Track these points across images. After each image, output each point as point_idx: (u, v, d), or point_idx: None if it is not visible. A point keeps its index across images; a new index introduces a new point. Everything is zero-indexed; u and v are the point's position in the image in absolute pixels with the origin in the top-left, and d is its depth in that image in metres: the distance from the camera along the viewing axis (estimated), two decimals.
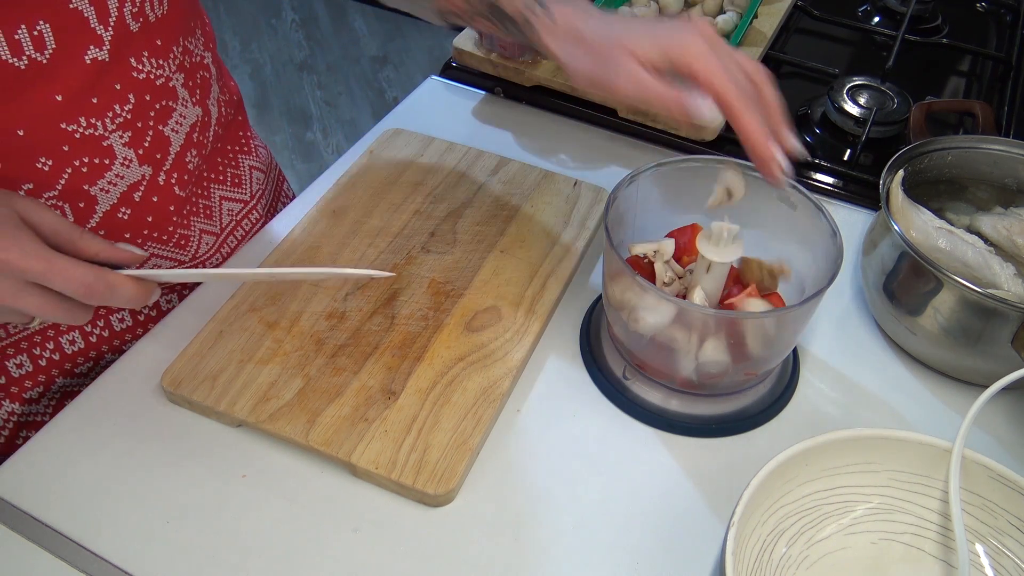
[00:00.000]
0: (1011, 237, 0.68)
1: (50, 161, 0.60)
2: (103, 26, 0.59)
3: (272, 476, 0.60)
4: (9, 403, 0.70)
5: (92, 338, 0.73)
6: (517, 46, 0.88)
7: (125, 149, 0.64)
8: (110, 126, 0.62)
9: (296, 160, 2.43)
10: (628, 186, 0.63)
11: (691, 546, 0.57)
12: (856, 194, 0.84)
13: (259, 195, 0.84)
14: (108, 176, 0.64)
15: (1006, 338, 0.61)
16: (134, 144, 0.64)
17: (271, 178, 0.88)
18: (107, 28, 0.59)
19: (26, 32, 0.55)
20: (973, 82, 1.04)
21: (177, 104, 0.68)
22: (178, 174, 0.70)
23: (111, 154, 0.63)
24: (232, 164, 0.80)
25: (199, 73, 0.71)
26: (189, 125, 0.70)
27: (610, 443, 0.63)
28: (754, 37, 0.95)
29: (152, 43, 0.64)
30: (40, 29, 0.56)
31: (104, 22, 0.59)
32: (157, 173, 0.68)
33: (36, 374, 0.70)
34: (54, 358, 0.71)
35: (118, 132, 0.63)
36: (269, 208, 0.86)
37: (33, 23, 0.55)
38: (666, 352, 0.61)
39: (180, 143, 0.69)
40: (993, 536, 0.54)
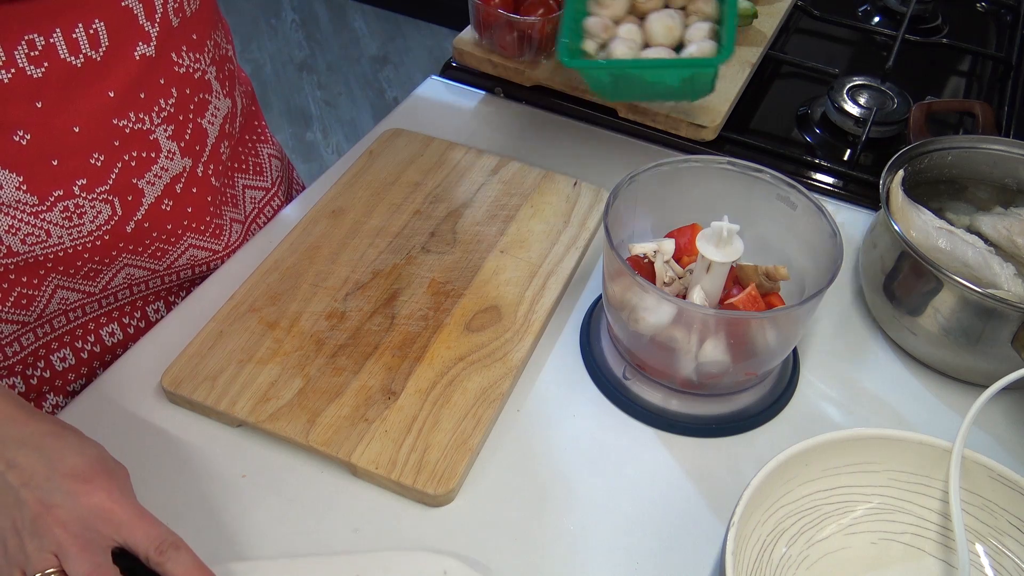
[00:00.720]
0: (1011, 237, 0.68)
1: (102, 156, 0.61)
2: (150, 22, 0.61)
3: (272, 476, 0.60)
4: (54, 396, 0.71)
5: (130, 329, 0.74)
6: (517, 46, 0.88)
7: (169, 142, 0.65)
8: (156, 120, 0.64)
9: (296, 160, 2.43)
10: (628, 186, 0.63)
11: (691, 546, 0.57)
12: (856, 194, 0.84)
13: (278, 181, 0.85)
14: (154, 169, 0.65)
15: (1006, 338, 0.61)
16: (177, 137, 0.66)
17: (286, 164, 0.90)
18: (154, 24, 0.61)
19: (83, 31, 0.57)
20: (973, 82, 1.04)
21: (212, 96, 0.69)
22: (214, 165, 0.72)
23: (157, 148, 0.65)
24: (252, 153, 0.81)
25: (227, 66, 0.73)
26: (222, 117, 0.72)
27: (610, 443, 0.63)
28: (754, 37, 0.95)
29: (189, 37, 0.65)
30: (96, 28, 0.57)
31: (151, 18, 0.61)
32: (196, 165, 0.69)
33: (79, 366, 0.72)
34: (95, 350, 0.73)
35: (163, 126, 0.64)
36: (288, 195, 0.88)
37: (90, 22, 0.57)
38: (666, 352, 0.61)
39: (215, 135, 0.71)
40: (993, 536, 0.54)
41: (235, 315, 0.67)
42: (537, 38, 0.87)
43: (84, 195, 0.62)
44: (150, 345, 0.68)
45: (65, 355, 0.71)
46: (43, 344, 0.70)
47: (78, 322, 0.71)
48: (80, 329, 0.71)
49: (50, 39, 0.55)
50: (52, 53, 0.56)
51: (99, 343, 0.73)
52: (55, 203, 0.61)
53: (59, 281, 0.66)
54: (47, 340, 0.70)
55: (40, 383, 0.70)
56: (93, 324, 0.72)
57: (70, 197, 0.61)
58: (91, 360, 0.72)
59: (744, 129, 0.91)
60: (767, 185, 0.64)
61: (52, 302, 0.67)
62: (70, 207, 0.62)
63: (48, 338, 0.70)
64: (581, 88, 0.87)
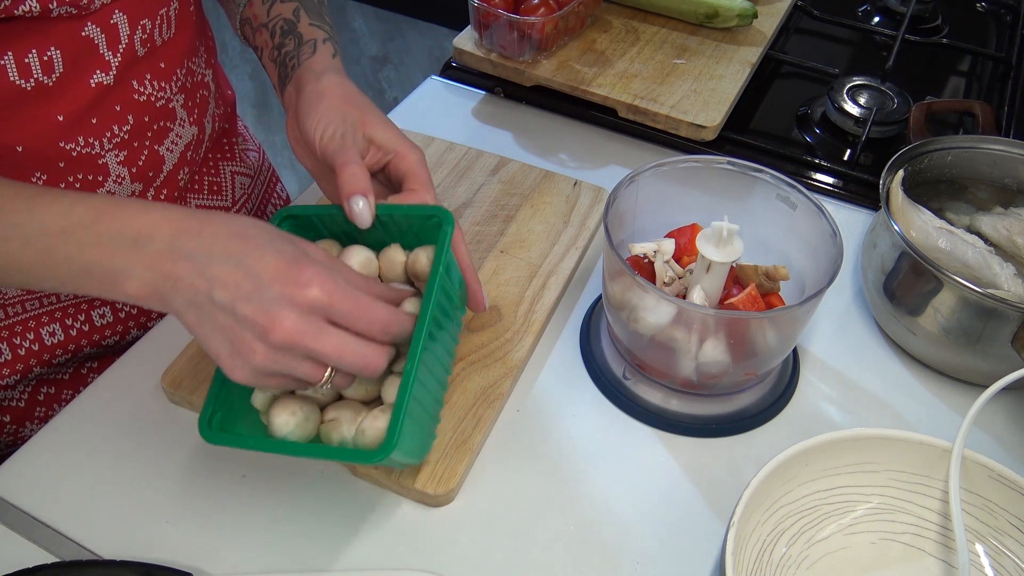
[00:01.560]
0: (1011, 237, 0.68)
1: (45, 176, 0.61)
2: (112, 52, 0.60)
3: (272, 476, 0.60)
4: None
5: (72, 331, 0.73)
6: (517, 46, 0.88)
7: (119, 167, 0.65)
8: (107, 145, 0.63)
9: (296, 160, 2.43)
10: (628, 186, 0.63)
11: (691, 546, 0.57)
12: (856, 194, 0.84)
13: (243, 200, 0.83)
14: (99, 192, 0.64)
15: (1006, 338, 0.61)
16: (128, 163, 0.65)
17: (259, 181, 0.87)
18: (116, 54, 0.60)
19: (36, 57, 0.56)
20: (973, 82, 1.04)
21: (175, 124, 0.68)
22: (167, 190, 0.71)
23: (105, 171, 0.64)
24: (211, 172, 0.79)
25: (199, 92, 0.72)
26: (184, 144, 0.70)
27: (610, 443, 0.63)
28: (754, 37, 0.95)
29: (156, 66, 0.64)
30: (51, 55, 0.56)
31: (114, 48, 0.60)
32: (147, 189, 0.68)
33: (14, 362, 0.70)
34: (33, 348, 0.71)
35: (114, 151, 0.63)
36: (255, 212, 0.86)
37: (44, 49, 0.56)
38: (666, 352, 0.61)
39: (174, 162, 0.70)
40: (993, 536, 0.54)
41: None
42: (537, 38, 0.87)
43: None
44: (150, 345, 0.68)
45: (1, 349, 0.69)
46: None
47: (17, 318, 0.69)
48: (19, 325, 0.69)
49: (0, 61, 0.54)
50: (1, 75, 0.55)
51: (38, 341, 0.71)
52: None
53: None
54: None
55: None
56: (33, 322, 0.70)
57: None
58: (28, 357, 0.70)
59: (744, 129, 0.91)
60: (767, 185, 0.64)
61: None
62: None
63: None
64: (581, 88, 0.87)
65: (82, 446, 0.61)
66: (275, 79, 0.65)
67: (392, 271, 0.58)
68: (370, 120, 0.59)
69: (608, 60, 0.91)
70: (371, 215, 0.55)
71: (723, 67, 0.90)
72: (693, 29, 0.96)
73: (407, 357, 0.50)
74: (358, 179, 0.55)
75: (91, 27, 0.58)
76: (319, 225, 0.59)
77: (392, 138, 0.59)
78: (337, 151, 0.56)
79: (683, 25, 0.96)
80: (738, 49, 0.93)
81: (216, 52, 0.77)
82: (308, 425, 0.53)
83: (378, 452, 0.48)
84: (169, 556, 0.55)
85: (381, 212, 0.56)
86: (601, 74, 0.89)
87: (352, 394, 0.56)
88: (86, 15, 0.57)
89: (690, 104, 0.85)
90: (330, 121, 0.58)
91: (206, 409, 0.52)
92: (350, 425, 0.54)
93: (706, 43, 0.94)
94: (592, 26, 0.96)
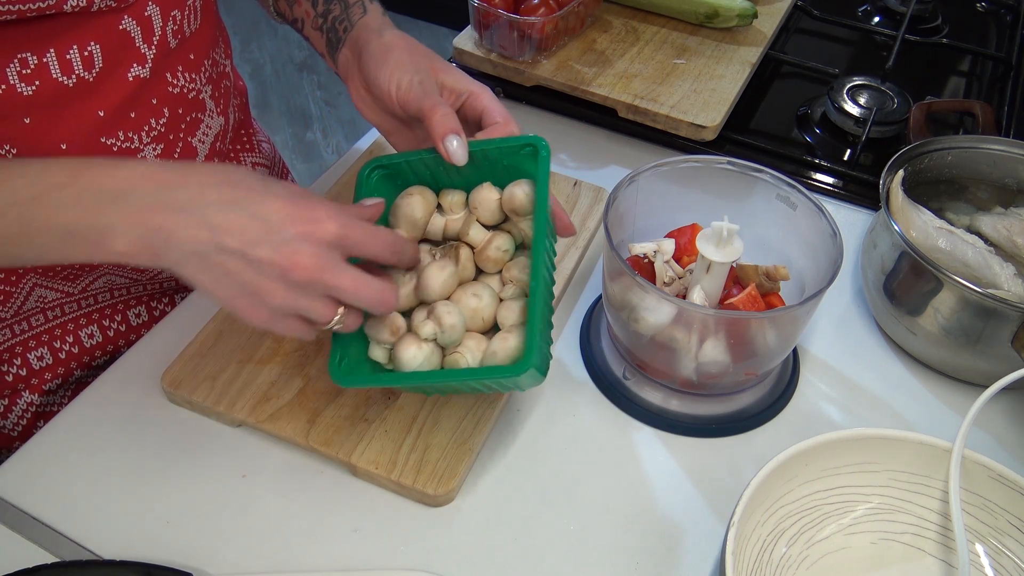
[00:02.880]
0: (1011, 237, 0.68)
1: None
2: (147, 45, 0.60)
3: (272, 476, 0.60)
4: (29, 394, 0.71)
5: (110, 332, 0.73)
6: (517, 46, 0.88)
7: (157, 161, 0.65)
8: (145, 139, 0.63)
9: (296, 160, 2.43)
10: (628, 186, 0.63)
11: (691, 546, 0.57)
12: (856, 194, 0.84)
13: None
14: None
15: (1006, 338, 0.61)
16: (165, 155, 0.66)
17: (275, 173, 0.88)
18: (151, 47, 0.61)
19: (77, 53, 0.56)
20: (973, 82, 1.04)
21: (205, 115, 0.69)
22: None
23: None
24: (235, 163, 0.80)
25: (223, 83, 0.73)
26: (214, 135, 0.71)
27: (610, 443, 0.63)
28: (754, 37, 0.95)
29: (186, 58, 0.65)
30: (91, 50, 0.57)
31: (148, 41, 0.60)
32: None
33: (56, 366, 0.71)
34: (73, 351, 0.72)
35: (152, 145, 0.64)
36: None
37: (85, 44, 0.57)
38: (666, 352, 0.61)
39: (205, 153, 0.70)
40: (993, 536, 0.54)
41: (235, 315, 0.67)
42: (537, 38, 0.87)
43: None
44: (150, 345, 0.68)
45: (42, 354, 0.70)
46: (20, 341, 0.69)
47: (56, 321, 0.70)
48: (59, 328, 0.71)
49: (43, 58, 0.55)
50: (44, 72, 0.55)
51: (77, 344, 0.72)
52: None
53: (37, 280, 0.66)
54: (24, 338, 0.69)
55: (15, 380, 0.69)
56: (72, 324, 0.71)
57: None
58: (68, 360, 0.72)
59: (744, 129, 0.91)
60: (767, 185, 0.64)
61: (30, 299, 0.67)
62: None
63: (25, 335, 0.69)
64: (581, 88, 0.87)
65: (82, 446, 0.61)
66: (323, 47, 0.66)
67: (487, 209, 0.59)
68: (439, 66, 0.61)
69: (608, 60, 0.91)
70: (466, 152, 0.56)
71: (723, 67, 0.90)
72: (693, 29, 0.96)
73: (530, 277, 0.53)
74: (449, 119, 0.56)
75: (128, 20, 0.58)
76: (407, 171, 0.60)
77: (462, 80, 0.61)
78: (421, 98, 0.57)
79: (683, 25, 0.96)
80: (738, 49, 0.93)
81: (230, 43, 0.77)
82: (434, 358, 0.55)
83: (521, 364, 0.51)
84: (169, 556, 0.55)
85: (474, 148, 0.57)
86: (601, 74, 0.89)
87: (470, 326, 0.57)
88: (123, 8, 0.57)
89: (690, 104, 0.85)
90: (404, 72, 0.59)
91: (333, 355, 0.54)
92: (474, 354, 0.55)
93: (706, 43, 0.94)
94: (592, 26, 0.96)
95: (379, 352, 0.57)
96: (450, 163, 0.56)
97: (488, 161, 0.58)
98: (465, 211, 0.60)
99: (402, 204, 0.59)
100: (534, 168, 0.56)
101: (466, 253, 0.59)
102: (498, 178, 0.59)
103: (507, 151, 0.57)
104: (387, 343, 0.56)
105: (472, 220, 0.59)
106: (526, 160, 0.57)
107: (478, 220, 0.59)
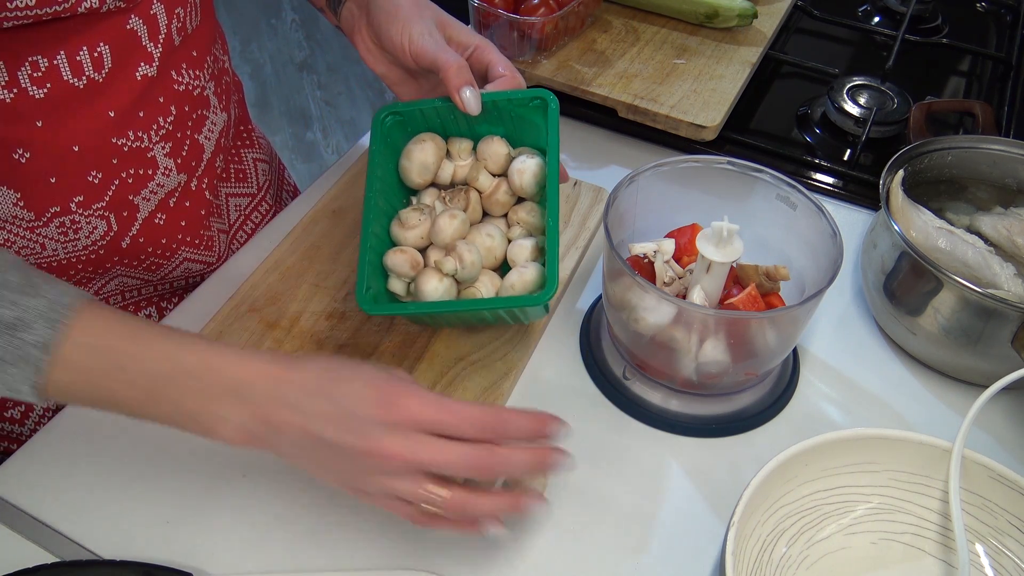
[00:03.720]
0: (1011, 237, 0.68)
1: (100, 174, 0.61)
2: (153, 43, 0.61)
3: (272, 476, 0.60)
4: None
5: None
6: (517, 46, 0.88)
7: (166, 159, 0.65)
8: (154, 138, 0.64)
9: (296, 160, 2.43)
10: (628, 186, 0.63)
11: (691, 546, 0.57)
12: (856, 194, 0.84)
13: (266, 186, 0.85)
14: (150, 186, 0.65)
15: (1006, 338, 0.61)
16: (174, 154, 0.66)
17: (274, 167, 0.89)
18: (157, 45, 0.61)
19: (87, 54, 0.57)
20: (973, 82, 1.04)
21: (209, 112, 0.69)
22: (208, 179, 0.72)
23: (154, 164, 0.65)
24: (235, 160, 0.80)
25: (224, 79, 0.73)
26: (218, 132, 0.72)
27: (610, 443, 0.63)
28: (754, 37, 0.95)
29: (190, 55, 0.65)
30: (100, 50, 0.57)
31: (155, 39, 0.61)
32: (191, 180, 0.69)
33: None
34: None
35: (161, 143, 0.64)
36: (275, 199, 0.87)
37: (95, 45, 0.57)
38: (666, 352, 0.61)
39: (211, 149, 0.71)
40: (993, 536, 0.54)
41: (235, 315, 0.67)
42: (537, 38, 0.87)
43: (80, 211, 0.62)
44: None
45: None
46: None
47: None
48: None
49: (54, 61, 0.55)
50: (55, 74, 0.56)
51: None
52: (51, 219, 0.61)
53: None
54: None
55: None
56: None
57: (66, 213, 0.61)
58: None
59: (744, 129, 0.91)
60: (767, 185, 0.64)
61: None
62: (66, 223, 0.62)
63: None
64: (581, 88, 0.87)
65: (82, 446, 0.61)
66: (323, 2, 0.70)
67: (495, 161, 0.65)
68: (445, 21, 0.64)
69: (608, 60, 0.91)
70: (479, 103, 0.60)
71: (723, 67, 0.90)
72: (693, 29, 0.96)
73: (547, 215, 0.59)
74: (464, 72, 0.60)
75: (135, 19, 0.58)
76: (419, 118, 0.65)
77: (467, 34, 0.64)
78: (436, 51, 0.61)
79: (683, 25, 0.96)
80: (738, 49, 0.93)
81: (226, 40, 0.78)
82: (452, 291, 0.61)
83: (544, 293, 0.56)
84: (169, 556, 0.55)
85: (485, 99, 0.61)
86: (601, 74, 0.89)
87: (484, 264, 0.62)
88: (131, 7, 0.58)
89: (690, 104, 0.85)
90: (414, 26, 0.62)
91: (360, 284, 0.59)
92: (488, 288, 0.61)
93: (706, 43, 0.94)
94: (592, 26, 0.96)
95: (398, 285, 0.62)
96: (464, 112, 0.60)
97: (497, 111, 0.63)
98: (472, 158, 0.65)
99: (415, 149, 0.64)
100: (541, 119, 0.63)
101: (475, 197, 0.64)
102: (506, 126, 0.65)
103: (517, 102, 0.63)
104: (407, 276, 0.61)
105: (480, 167, 0.65)
106: (534, 112, 0.63)
107: (485, 168, 0.65)
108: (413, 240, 0.62)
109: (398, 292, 0.62)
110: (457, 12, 0.70)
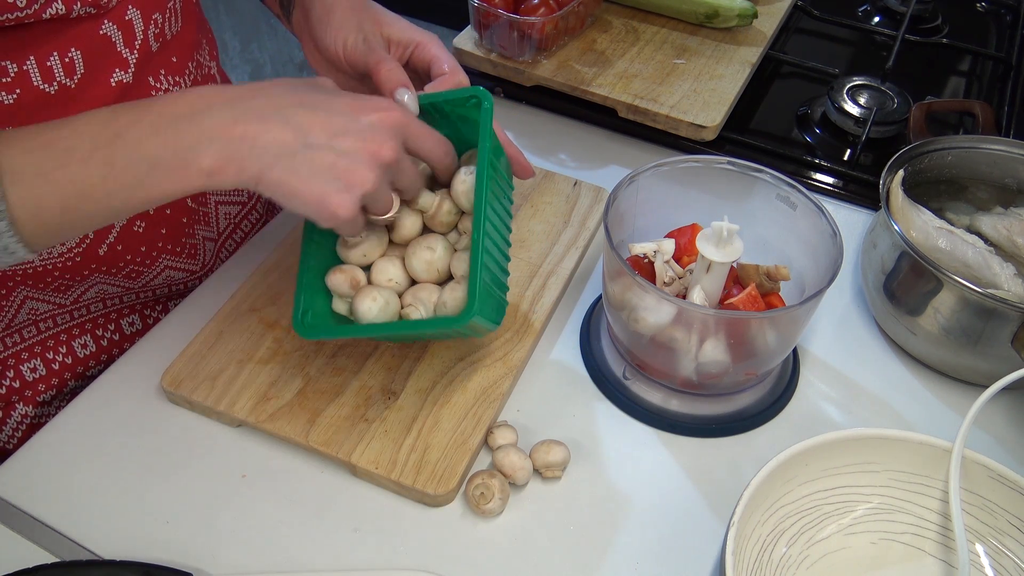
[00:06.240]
0: (1011, 237, 0.68)
1: None
2: (129, 49, 0.60)
3: (272, 476, 0.60)
4: (23, 406, 0.70)
5: (103, 341, 0.73)
6: (517, 46, 0.88)
7: None
8: None
9: None
10: (628, 186, 0.63)
11: (691, 546, 0.57)
12: (856, 194, 0.84)
13: (256, 195, 0.84)
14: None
15: (1006, 338, 0.61)
16: None
17: None
18: (132, 51, 0.60)
19: (58, 60, 0.56)
20: (973, 82, 1.04)
21: None
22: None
23: None
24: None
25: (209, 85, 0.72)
26: None
27: (610, 443, 0.63)
28: (754, 37, 0.95)
29: (169, 60, 0.64)
30: (72, 56, 0.57)
31: (130, 45, 0.60)
32: None
33: (49, 377, 0.71)
34: (67, 362, 0.71)
35: None
36: (269, 205, 0.86)
37: (65, 51, 0.56)
38: (666, 352, 0.61)
39: None
40: (993, 536, 0.54)
41: (235, 315, 0.67)
42: (537, 38, 0.87)
43: None
44: (150, 345, 0.68)
45: (35, 365, 0.70)
46: (12, 354, 0.68)
47: (49, 333, 0.70)
48: (51, 340, 0.70)
49: (23, 66, 0.54)
50: (25, 80, 0.55)
51: (71, 354, 0.71)
52: None
53: (28, 292, 0.65)
54: (16, 350, 0.69)
55: (9, 392, 0.69)
56: (65, 335, 0.71)
57: None
58: (62, 371, 0.71)
59: (744, 129, 0.91)
60: (767, 185, 0.64)
61: (21, 312, 0.67)
62: None
63: (18, 348, 0.69)
64: (581, 88, 0.87)
65: (82, 446, 0.61)
66: (277, 9, 0.68)
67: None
68: (383, 20, 0.62)
69: (608, 60, 0.91)
70: (416, 105, 0.57)
71: (723, 67, 0.90)
72: (693, 29, 0.96)
73: (472, 230, 0.55)
74: (396, 73, 0.58)
75: (108, 25, 0.58)
76: None
77: (408, 30, 0.62)
78: (366, 54, 0.59)
79: (683, 25, 0.96)
80: (738, 49, 0.93)
81: (217, 47, 0.77)
82: (389, 309, 0.58)
83: (463, 315, 0.53)
84: (169, 556, 0.55)
85: (423, 101, 0.58)
86: (601, 74, 0.89)
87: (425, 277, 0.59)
88: (103, 13, 0.57)
89: (690, 104, 0.85)
90: (348, 31, 0.60)
91: (296, 309, 0.57)
92: (427, 305, 0.58)
93: (706, 43, 0.94)
94: (592, 26, 0.96)
95: (342, 305, 0.60)
96: None
97: (439, 113, 0.59)
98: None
99: None
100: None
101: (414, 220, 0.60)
102: (449, 129, 0.60)
103: (455, 103, 0.59)
104: (348, 296, 0.59)
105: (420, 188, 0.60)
106: (473, 111, 0.59)
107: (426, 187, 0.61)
108: (355, 258, 0.60)
109: (342, 312, 0.60)
110: (457, 12, 0.69)
